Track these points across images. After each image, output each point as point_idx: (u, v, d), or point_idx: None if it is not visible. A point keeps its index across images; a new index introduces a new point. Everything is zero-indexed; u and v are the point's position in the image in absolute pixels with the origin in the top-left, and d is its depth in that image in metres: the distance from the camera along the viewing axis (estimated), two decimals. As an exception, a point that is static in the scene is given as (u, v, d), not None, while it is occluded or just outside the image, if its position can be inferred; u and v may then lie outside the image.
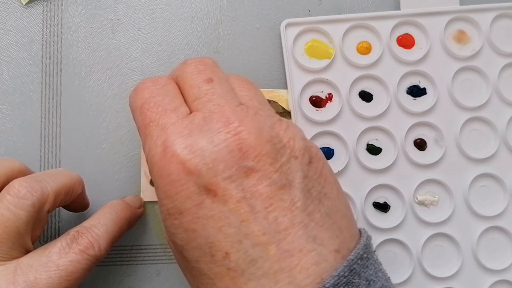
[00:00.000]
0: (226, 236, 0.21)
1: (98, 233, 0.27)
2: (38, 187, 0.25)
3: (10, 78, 0.34)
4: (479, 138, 0.34)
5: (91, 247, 0.26)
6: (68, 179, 0.28)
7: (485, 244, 0.33)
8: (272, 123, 0.23)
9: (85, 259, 0.26)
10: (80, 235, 0.26)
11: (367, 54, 0.34)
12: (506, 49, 0.35)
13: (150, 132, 0.23)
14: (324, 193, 0.23)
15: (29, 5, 0.35)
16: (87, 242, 0.26)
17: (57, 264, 0.25)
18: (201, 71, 0.25)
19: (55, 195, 0.26)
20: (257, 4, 0.35)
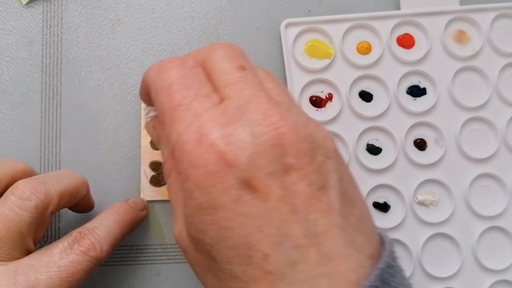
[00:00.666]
0: (266, 236, 0.19)
1: (100, 235, 0.27)
2: (42, 189, 0.25)
3: (10, 78, 0.34)
4: (479, 138, 0.34)
5: (93, 248, 0.26)
6: (73, 181, 0.28)
7: (485, 244, 0.33)
8: (305, 120, 0.22)
9: (86, 260, 0.26)
10: (82, 237, 0.26)
11: (367, 54, 0.34)
12: (506, 49, 0.35)
13: (179, 116, 0.21)
14: (355, 197, 0.22)
15: (29, 5, 0.35)
16: (89, 243, 0.26)
17: (58, 265, 0.25)
18: (233, 56, 0.23)
19: (59, 197, 0.26)
20: (257, 4, 0.35)
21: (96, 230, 0.27)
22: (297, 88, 0.34)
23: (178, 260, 0.33)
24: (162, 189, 0.33)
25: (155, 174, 0.33)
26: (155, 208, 0.33)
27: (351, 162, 0.33)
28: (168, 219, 0.33)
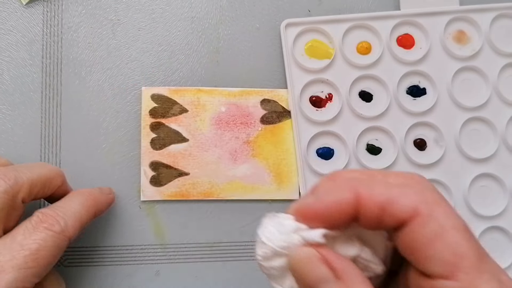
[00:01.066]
0: None
1: (64, 211, 0.27)
2: (12, 175, 0.26)
3: (10, 78, 0.34)
4: (479, 138, 0.34)
5: (57, 223, 0.26)
6: (46, 170, 0.28)
7: (485, 244, 0.33)
8: None
9: (50, 236, 0.26)
10: (44, 215, 0.26)
11: (367, 54, 0.34)
12: (506, 49, 0.35)
13: (489, 270, 0.17)
14: None
15: (29, 5, 0.35)
16: (52, 219, 0.26)
17: (21, 244, 0.25)
18: None
19: (30, 184, 0.27)
20: (257, 4, 0.35)
21: (60, 208, 0.27)
22: (297, 88, 0.34)
23: (178, 260, 0.33)
24: (162, 189, 0.33)
25: (155, 174, 0.33)
26: (155, 208, 0.33)
27: (351, 162, 0.33)
28: (168, 219, 0.33)
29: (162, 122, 0.33)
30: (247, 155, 0.34)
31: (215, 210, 0.34)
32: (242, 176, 0.33)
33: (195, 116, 0.34)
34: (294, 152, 0.34)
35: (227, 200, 0.34)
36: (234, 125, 0.34)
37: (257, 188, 0.34)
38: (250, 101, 0.34)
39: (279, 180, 0.34)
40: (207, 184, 0.33)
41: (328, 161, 0.34)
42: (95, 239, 0.33)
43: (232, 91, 0.34)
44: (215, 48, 0.35)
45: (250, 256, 0.33)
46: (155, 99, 0.34)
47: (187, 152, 0.33)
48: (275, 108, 0.34)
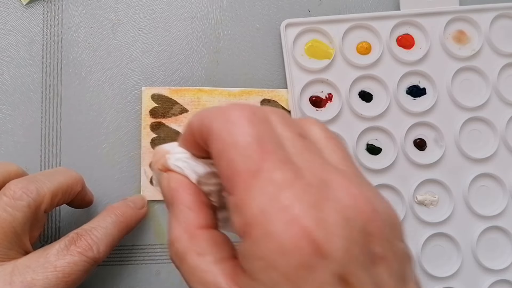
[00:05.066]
0: None
1: (98, 235, 0.27)
2: (33, 188, 0.26)
3: (10, 78, 0.34)
4: (479, 138, 0.34)
5: (90, 249, 0.26)
6: (66, 178, 0.28)
7: (485, 243, 0.33)
8: (376, 194, 0.19)
9: (83, 261, 0.26)
10: (79, 237, 0.27)
11: (367, 54, 0.34)
12: (506, 49, 0.35)
13: (260, 186, 0.17)
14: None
15: (29, 5, 0.35)
16: (85, 244, 0.26)
17: (55, 265, 0.25)
18: (289, 122, 0.20)
19: (51, 195, 0.26)
20: (257, 4, 0.35)
21: (93, 231, 0.27)
22: (297, 88, 0.34)
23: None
24: None
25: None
26: (155, 208, 0.33)
27: (351, 162, 0.33)
28: (168, 219, 0.33)
29: (163, 122, 0.34)
30: None
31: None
32: None
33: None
34: None
35: (227, 200, 0.34)
36: None
37: None
38: (250, 101, 0.34)
39: None
40: None
41: (328, 161, 0.34)
42: (95, 239, 0.33)
43: (232, 91, 0.34)
44: (215, 48, 0.35)
45: (250, 256, 0.33)
46: (156, 99, 0.34)
47: None
48: (275, 107, 0.34)
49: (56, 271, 0.25)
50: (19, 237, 0.25)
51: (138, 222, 0.31)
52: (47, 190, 0.26)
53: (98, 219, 0.28)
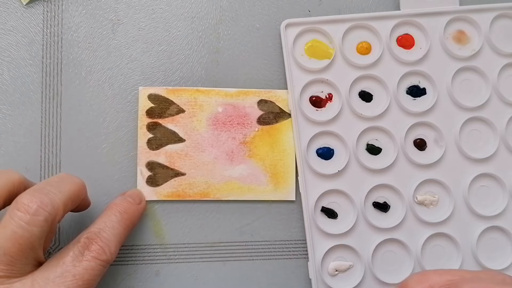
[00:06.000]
0: None
1: (107, 237, 0.27)
2: (48, 201, 0.25)
3: (10, 78, 0.34)
4: (479, 138, 0.34)
5: (103, 252, 0.27)
6: (74, 186, 0.28)
7: (485, 244, 0.33)
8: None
9: (98, 265, 0.26)
10: (91, 242, 0.27)
11: (367, 54, 0.34)
12: (506, 49, 0.35)
13: None
14: None
15: (29, 5, 0.35)
16: (98, 248, 0.27)
17: (73, 274, 0.25)
18: None
19: (64, 206, 0.26)
20: (257, 4, 0.35)
21: (102, 233, 0.27)
22: (297, 88, 0.34)
23: (178, 260, 0.33)
24: (158, 189, 0.33)
25: (152, 174, 0.33)
26: (155, 208, 0.33)
27: (351, 162, 0.33)
28: (168, 219, 0.33)
29: (159, 122, 0.34)
30: (244, 155, 0.34)
31: (215, 210, 0.34)
32: (238, 176, 0.33)
33: (192, 116, 0.34)
34: (291, 153, 0.34)
35: (227, 200, 0.34)
36: (231, 125, 0.34)
37: (254, 189, 0.33)
38: (247, 101, 0.34)
39: (276, 181, 0.34)
40: (204, 184, 0.33)
41: (328, 161, 0.34)
42: (95, 239, 0.33)
43: (229, 92, 0.34)
44: (215, 48, 0.35)
45: (250, 256, 0.33)
46: (152, 99, 0.34)
47: (184, 153, 0.33)
48: (272, 108, 0.34)
49: (75, 279, 0.25)
50: (36, 251, 0.25)
51: (140, 217, 0.32)
52: (59, 201, 0.26)
53: (104, 219, 0.28)
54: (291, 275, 0.33)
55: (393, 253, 0.33)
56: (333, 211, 0.33)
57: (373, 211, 0.33)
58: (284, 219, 0.34)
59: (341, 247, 0.33)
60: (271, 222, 0.34)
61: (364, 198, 0.33)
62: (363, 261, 0.33)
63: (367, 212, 0.33)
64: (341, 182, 0.33)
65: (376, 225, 0.33)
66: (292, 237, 0.34)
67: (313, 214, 0.33)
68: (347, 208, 0.33)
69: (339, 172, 0.33)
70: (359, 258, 0.33)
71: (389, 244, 0.33)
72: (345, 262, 0.33)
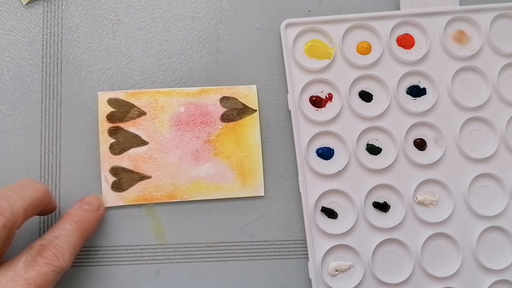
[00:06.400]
0: None
1: (61, 245, 0.27)
2: (6, 207, 0.25)
3: (10, 78, 0.34)
4: (479, 138, 0.34)
5: (56, 259, 0.27)
6: (35, 192, 0.28)
7: (485, 244, 0.33)
8: None
9: (52, 271, 0.26)
10: (44, 249, 0.27)
11: (367, 54, 0.34)
12: (506, 49, 0.35)
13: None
14: None
15: (29, 5, 0.35)
16: (51, 254, 0.27)
17: (25, 278, 0.25)
18: None
19: (24, 212, 0.26)
20: (257, 4, 0.35)
21: (56, 240, 0.27)
22: (297, 88, 0.34)
23: (178, 260, 0.33)
24: (124, 194, 0.33)
25: (116, 179, 0.33)
26: (154, 208, 0.33)
27: (351, 162, 0.33)
28: (168, 219, 0.33)
29: (120, 126, 0.33)
30: (209, 154, 0.33)
31: (215, 210, 0.34)
32: (205, 176, 0.33)
33: (154, 118, 0.34)
34: (257, 149, 0.34)
35: (227, 200, 0.34)
36: (194, 125, 0.34)
37: (221, 187, 0.33)
38: (209, 99, 0.34)
39: (243, 178, 0.33)
40: (170, 186, 0.33)
41: (328, 161, 0.34)
42: (95, 239, 0.33)
43: (191, 91, 0.34)
44: (215, 48, 0.35)
45: (250, 256, 0.33)
46: (112, 104, 0.33)
47: (148, 155, 0.33)
48: (235, 105, 0.34)
49: (28, 283, 0.25)
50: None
51: (97, 224, 0.32)
52: (20, 207, 0.26)
53: (59, 228, 0.29)
54: (291, 275, 0.33)
55: (393, 253, 0.33)
56: (333, 211, 0.33)
57: (373, 211, 0.33)
58: (284, 219, 0.34)
59: (341, 247, 0.33)
60: (271, 222, 0.34)
61: (364, 198, 0.33)
62: (363, 261, 0.33)
63: (367, 212, 0.33)
64: (341, 182, 0.33)
65: (376, 225, 0.33)
66: (292, 237, 0.34)
67: (313, 214, 0.33)
68: (347, 208, 0.33)
69: (339, 172, 0.33)
70: (359, 258, 0.33)
71: (389, 244, 0.33)
72: (345, 262, 0.33)
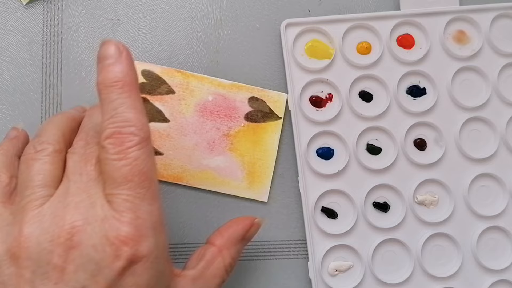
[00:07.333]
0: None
1: (128, 116, 0.23)
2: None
3: (10, 78, 0.34)
4: (479, 138, 0.34)
5: (129, 136, 0.23)
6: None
7: (485, 244, 0.33)
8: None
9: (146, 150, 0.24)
10: (117, 136, 0.23)
11: (367, 54, 0.34)
12: (506, 49, 0.35)
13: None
14: None
15: (29, 5, 0.35)
16: (123, 135, 0.23)
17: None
18: None
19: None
20: (257, 4, 0.35)
21: (117, 117, 0.23)
22: (297, 88, 0.34)
23: (178, 260, 0.33)
24: None
25: None
26: (155, 208, 0.33)
27: (351, 162, 0.33)
28: (168, 219, 0.33)
29: (147, 99, 0.33)
30: (225, 147, 0.34)
31: (215, 210, 0.34)
32: (215, 167, 0.33)
33: (181, 99, 0.34)
34: (272, 155, 0.33)
35: (227, 200, 0.34)
36: (218, 116, 0.34)
37: (228, 183, 0.33)
38: (239, 95, 0.34)
39: (251, 179, 0.33)
40: (179, 168, 0.33)
41: (328, 161, 0.34)
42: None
43: (223, 82, 0.34)
44: (215, 48, 0.35)
45: (250, 256, 0.33)
46: (145, 75, 0.34)
47: (166, 133, 0.33)
48: (262, 107, 0.34)
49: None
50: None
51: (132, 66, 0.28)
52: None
53: (105, 107, 0.24)
54: (291, 275, 0.33)
55: (393, 253, 0.33)
56: (333, 211, 0.33)
57: (373, 211, 0.33)
58: (284, 219, 0.34)
59: (341, 247, 0.33)
60: (271, 222, 0.34)
61: (364, 198, 0.33)
62: (363, 261, 0.33)
63: (367, 212, 0.33)
64: (341, 182, 0.33)
65: (376, 225, 0.33)
66: (292, 237, 0.34)
67: (313, 214, 0.33)
68: (347, 208, 0.33)
69: (339, 172, 0.33)
70: (359, 258, 0.33)
71: (389, 244, 0.33)
72: (345, 262, 0.33)
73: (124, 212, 0.22)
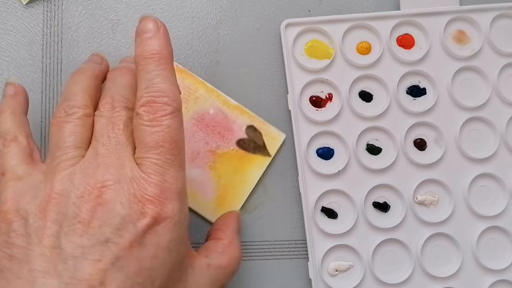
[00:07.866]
0: None
1: (162, 88, 0.25)
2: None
3: (10, 78, 0.34)
4: (479, 138, 0.34)
5: (162, 104, 0.25)
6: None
7: (485, 244, 0.33)
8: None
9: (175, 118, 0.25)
10: (152, 105, 0.25)
11: (367, 54, 0.34)
12: (506, 49, 0.35)
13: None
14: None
15: (29, 5, 0.35)
16: (155, 104, 0.25)
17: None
18: None
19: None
20: (257, 4, 0.35)
21: (152, 88, 0.25)
22: (297, 88, 0.34)
23: (178, 260, 0.33)
24: None
25: None
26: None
27: (351, 162, 0.33)
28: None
29: None
30: (206, 163, 0.33)
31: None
32: (190, 178, 0.32)
33: (184, 102, 0.33)
34: (248, 189, 0.33)
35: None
36: (212, 131, 0.33)
37: (196, 198, 0.33)
38: (239, 119, 0.34)
39: (219, 203, 0.33)
40: None
41: (328, 161, 0.34)
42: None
43: (229, 101, 0.34)
44: (215, 48, 0.35)
45: (250, 256, 0.33)
46: None
47: None
48: (256, 139, 0.33)
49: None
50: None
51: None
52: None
53: (141, 78, 0.26)
54: (291, 275, 0.33)
55: (393, 253, 0.33)
56: (333, 211, 0.33)
57: (373, 211, 0.33)
58: (284, 219, 0.34)
59: (341, 247, 0.33)
60: (271, 222, 0.34)
61: (364, 198, 0.33)
62: (363, 261, 0.33)
63: (367, 212, 0.33)
64: (341, 182, 0.33)
65: (376, 225, 0.33)
66: (292, 237, 0.34)
67: (313, 214, 0.33)
68: (347, 208, 0.33)
69: (339, 172, 0.33)
70: (359, 258, 0.33)
71: (389, 244, 0.33)
72: (345, 262, 0.33)
73: (152, 174, 0.23)
